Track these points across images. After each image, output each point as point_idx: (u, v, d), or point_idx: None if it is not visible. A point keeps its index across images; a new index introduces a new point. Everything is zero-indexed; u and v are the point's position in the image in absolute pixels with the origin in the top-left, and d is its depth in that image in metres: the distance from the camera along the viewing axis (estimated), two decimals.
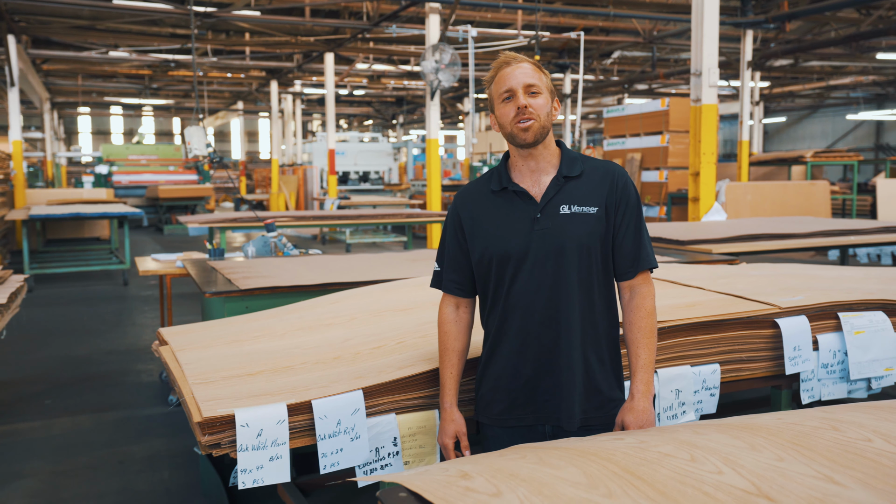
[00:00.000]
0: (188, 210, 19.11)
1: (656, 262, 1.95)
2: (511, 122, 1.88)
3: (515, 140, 1.89)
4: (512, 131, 1.89)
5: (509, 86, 1.87)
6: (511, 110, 1.87)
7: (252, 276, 3.81)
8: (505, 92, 1.88)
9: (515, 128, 1.87)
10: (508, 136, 1.91)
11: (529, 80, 1.87)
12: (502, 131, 1.93)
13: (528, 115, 1.86)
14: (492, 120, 1.98)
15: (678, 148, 12.43)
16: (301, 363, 2.18)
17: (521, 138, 1.88)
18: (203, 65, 17.85)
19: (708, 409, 2.38)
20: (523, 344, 1.90)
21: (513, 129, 1.88)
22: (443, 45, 11.04)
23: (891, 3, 13.29)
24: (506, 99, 1.89)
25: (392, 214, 8.77)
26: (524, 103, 1.86)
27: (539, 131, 1.88)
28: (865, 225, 5.86)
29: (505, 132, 1.92)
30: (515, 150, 1.94)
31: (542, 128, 1.88)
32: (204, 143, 5.03)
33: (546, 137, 1.91)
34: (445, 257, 2.03)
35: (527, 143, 1.88)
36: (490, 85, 1.94)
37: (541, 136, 1.89)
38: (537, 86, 1.88)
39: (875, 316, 2.58)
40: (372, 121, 34.41)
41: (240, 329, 2.62)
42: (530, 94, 1.87)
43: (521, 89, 1.87)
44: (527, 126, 1.86)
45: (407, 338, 2.36)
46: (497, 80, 1.90)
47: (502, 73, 1.89)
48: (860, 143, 29.04)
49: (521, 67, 1.89)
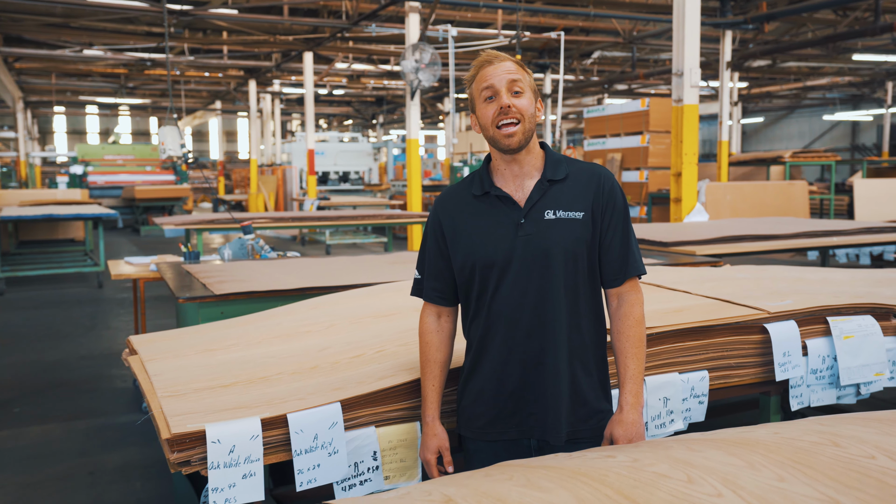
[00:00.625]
0: (165, 211, 18.86)
1: (645, 269, 1.88)
2: (493, 122, 1.79)
3: (498, 145, 1.81)
4: (494, 136, 1.80)
5: (491, 83, 1.79)
6: (493, 110, 1.79)
7: (228, 280, 3.71)
8: (486, 90, 1.80)
9: (498, 133, 1.79)
10: (490, 140, 1.83)
11: (513, 77, 1.79)
12: (484, 133, 1.85)
13: (511, 116, 1.78)
14: (472, 121, 1.89)
15: (658, 148, 12.47)
16: (277, 374, 2.09)
17: (505, 144, 1.80)
18: (180, 64, 17.61)
19: (696, 416, 2.33)
20: (507, 354, 1.82)
21: (495, 134, 1.80)
22: (423, 45, 10.96)
23: (867, 5, 13.41)
24: (488, 99, 1.81)
25: (372, 216, 8.67)
26: (507, 103, 1.78)
27: (523, 136, 1.80)
28: (846, 226, 5.87)
29: (486, 134, 1.83)
30: (497, 153, 1.86)
31: (526, 132, 1.80)
32: (178, 144, 4.91)
33: (531, 140, 1.83)
34: (426, 265, 1.95)
35: (510, 150, 1.80)
36: (471, 84, 1.85)
37: (525, 142, 1.81)
38: (521, 84, 1.80)
39: (864, 320, 2.54)
40: (352, 121, 34.23)
41: (213, 337, 2.52)
42: (513, 93, 1.79)
43: (504, 88, 1.79)
44: (511, 132, 1.78)
45: (387, 346, 2.28)
46: (478, 79, 1.83)
47: (484, 72, 1.81)
48: (836, 143, 29.37)
49: (504, 65, 1.81)
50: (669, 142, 12.38)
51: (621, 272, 1.85)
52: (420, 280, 1.97)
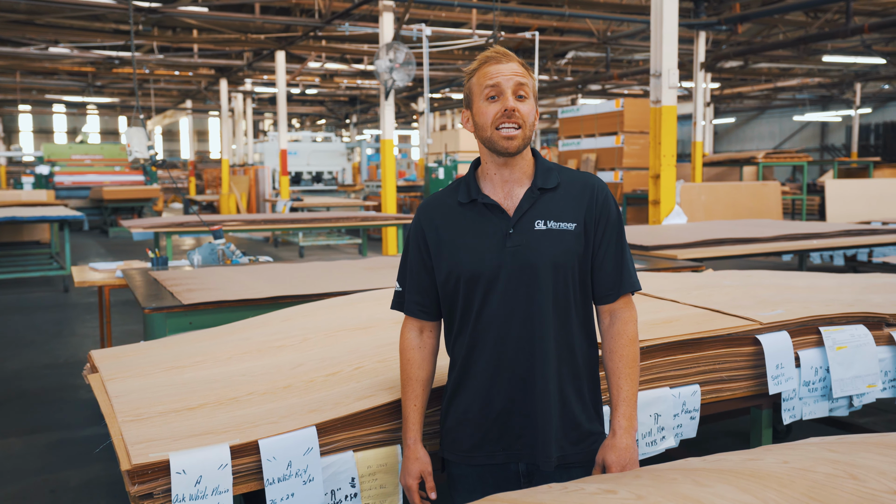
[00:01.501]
0: (135, 212, 18.48)
1: (640, 285, 1.78)
2: (493, 123, 1.68)
3: (495, 147, 1.69)
4: (492, 137, 1.69)
5: (497, 81, 1.67)
6: (495, 111, 1.68)
7: (197, 288, 3.55)
8: (491, 88, 1.68)
9: (497, 135, 1.67)
10: (486, 141, 1.71)
11: (521, 80, 1.68)
12: (478, 133, 1.72)
13: (514, 121, 1.67)
14: (464, 117, 1.77)
15: (633, 149, 12.50)
16: (247, 394, 1.96)
17: (503, 147, 1.68)
18: (149, 62, 17.27)
19: (688, 433, 2.24)
20: (494, 373, 1.71)
21: (493, 136, 1.68)
22: (397, 44, 10.82)
23: (838, 7, 13.54)
24: (491, 98, 1.69)
25: (346, 218, 8.52)
26: (513, 106, 1.66)
27: (522, 143, 1.69)
28: (824, 229, 5.86)
29: (482, 134, 1.71)
30: (490, 157, 1.74)
31: (526, 138, 1.70)
32: (146, 146, 4.72)
33: (526, 147, 1.73)
34: (408, 276, 1.83)
35: (507, 154, 1.69)
36: (471, 77, 1.73)
37: (523, 147, 1.70)
38: (526, 89, 1.69)
39: (856, 330, 2.48)
40: (325, 120, 33.93)
41: (180, 352, 2.38)
42: (518, 96, 1.68)
43: (511, 90, 1.67)
44: (512, 136, 1.67)
45: (365, 362, 2.16)
46: (482, 74, 1.70)
47: (490, 68, 1.69)
48: (806, 143, 29.76)
49: (512, 66, 1.69)
50: (644, 142, 12.42)
51: (615, 288, 1.74)
52: (401, 293, 1.85)
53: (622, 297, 1.75)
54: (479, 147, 1.77)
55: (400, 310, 1.85)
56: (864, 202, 12.78)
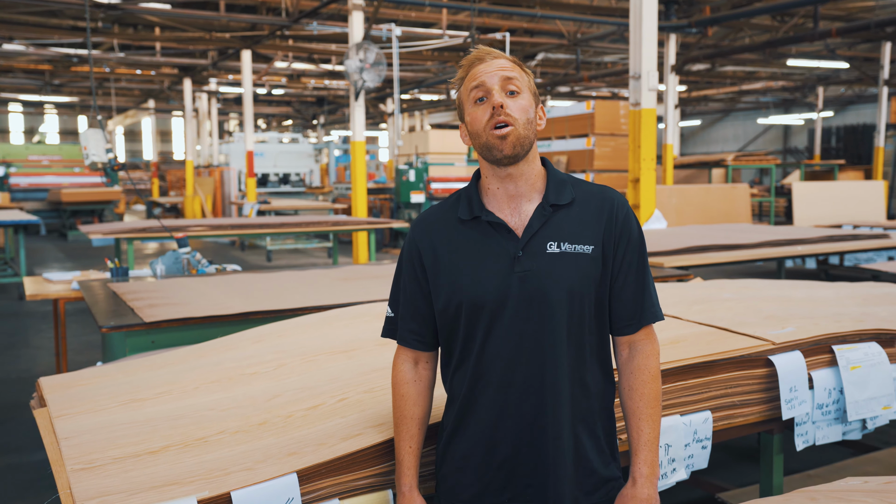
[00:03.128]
0: (95, 215, 17.92)
1: (662, 314, 1.59)
2: (485, 127, 1.48)
3: (491, 152, 1.49)
4: (487, 141, 1.49)
5: (481, 81, 1.49)
6: (484, 113, 1.49)
7: (159, 302, 3.30)
8: (476, 90, 1.49)
9: (490, 135, 1.48)
10: (482, 149, 1.51)
11: (507, 73, 1.49)
12: (475, 142, 1.53)
13: (504, 118, 1.47)
14: (462, 132, 1.58)
15: (604, 151, 12.47)
16: (217, 433, 1.74)
17: (497, 148, 1.48)
18: (109, 61, 16.75)
19: (699, 463, 2.07)
20: (499, 414, 1.51)
21: (489, 139, 1.48)
22: (367, 44, 10.59)
23: (805, 11, 13.65)
24: (478, 101, 1.50)
25: (317, 223, 8.26)
26: (500, 101, 1.47)
27: (518, 141, 1.48)
28: (810, 234, 5.79)
29: (478, 142, 1.51)
30: (489, 168, 1.54)
31: (521, 137, 1.48)
32: (103, 149, 4.44)
33: (529, 153, 1.52)
34: (401, 301, 1.62)
35: (504, 157, 1.48)
36: (459, 86, 1.54)
37: (521, 150, 1.49)
38: (517, 83, 1.50)
39: (870, 348, 2.34)
40: (292, 121, 33.46)
41: (141, 381, 2.14)
42: (508, 92, 1.49)
43: (497, 86, 1.48)
44: (504, 133, 1.46)
45: (350, 392, 1.95)
46: (469, 78, 1.52)
47: (474, 70, 1.51)
48: (769, 145, 30.16)
49: (497, 62, 1.51)
50: (615, 144, 12.38)
51: (636, 318, 1.55)
52: (393, 319, 1.64)
53: (643, 328, 1.56)
54: (480, 162, 1.58)
55: (392, 337, 1.65)
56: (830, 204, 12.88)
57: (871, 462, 3.35)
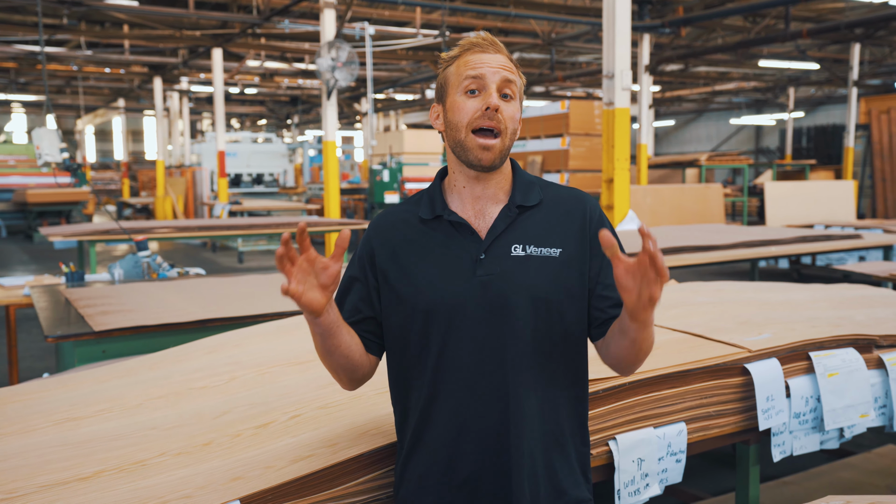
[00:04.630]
0: (62, 216, 17.54)
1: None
2: (469, 124, 1.37)
3: (467, 156, 1.39)
4: (465, 141, 1.38)
5: (481, 72, 1.37)
6: (474, 107, 1.37)
7: (113, 310, 3.15)
8: (472, 80, 1.38)
9: (471, 140, 1.37)
10: (458, 145, 1.40)
11: (509, 75, 1.39)
12: (449, 133, 1.42)
13: (495, 123, 1.36)
14: (433, 112, 1.46)
15: (579, 151, 12.46)
16: (158, 455, 1.61)
17: (476, 159, 1.38)
18: (76, 58, 16.39)
19: (673, 478, 1.98)
20: (459, 430, 1.40)
21: (467, 140, 1.38)
22: (339, 42, 10.44)
23: (776, 12, 13.74)
24: (470, 91, 1.38)
25: (287, 224, 8.10)
26: (496, 103, 1.36)
27: (500, 155, 1.39)
28: (783, 234, 5.76)
29: (455, 137, 1.40)
30: (459, 167, 1.44)
31: (505, 150, 1.40)
32: (57, 148, 4.26)
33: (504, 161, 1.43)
34: (346, 302, 1.49)
35: (482, 167, 1.39)
36: (449, 65, 1.42)
37: (500, 161, 1.40)
38: (514, 88, 1.40)
39: (847, 354, 2.27)
40: (265, 121, 33.11)
41: (81, 397, 2.00)
42: (503, 95, 1.39)
43: (496, 84, 1.38)
44: (489, 145, 1.37)
45: (304, 409, 1.82)
46: (462, 62, 1.40)
47: (473, 57, 1.39)
48: (741, 146, 30.44)
49: (500, 58, 1.40)
50: (589, 144, 12.37)
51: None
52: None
53: None
54: (447, 154, 1.46)
55: None
56: (801, 204, 12.97)
57: (847, 467, 3.30)
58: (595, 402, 1.84)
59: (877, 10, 13.06)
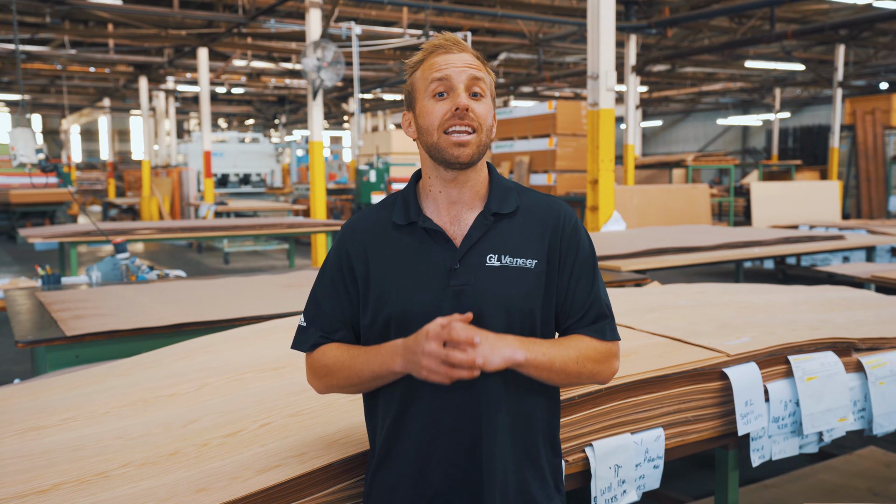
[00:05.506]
0: (46, 216, 17.37)
1: (618, 335, 1.46)
2: (440, 126, 1.34)
3: (443, 156, 1.36)
4: (439, 143, 1.35)
5: (446, 74, 1.34)
6: (444, 110, 1.34)
7: (88, 314, 3.10)
8: (438, 82, 1.35)
9: (445, 140, 1.34)
10: (432, 148, 1.37)
11: (476, 73, 1.35)
12: (423, 139, 1.39)
13: (467, 123, 1.33)
14: (405, 120, 1.43)
15: (566, 151, 12.45)
16: (121, 466, 1.57)
17: (453, 156, 1.34)
18: (60, 57, 16.23)
19: (651, 484, 1.95)
20: (431, 443, 1.37)
21: (440, 141, 1.35)
22: (325, 42, 10.38)
23: (762, 13, 13.80)
24: (438, 95, 1.35)
25: (271, 225, 8.04)
26: (465, 104, 1.33)
27: (477, 150, 1.36)
28: (767, 235, 5.76)
29: (427, 141, 1.37)
30: (434, 170, 1.40)
31: (481, 146, 1.36)
32: (33, 149, 4.20)
33: (480, 159, 1.40)
34: (321, 312, 1.46)
35: (460, 164, 1.36)
36: (415, 71, 1.39)
37: (478, 157, 1.37)
38: (483, 86, 1.37)
39: (826, 357, 2.25)
40: (253, 120, 32.95)
41: (46, 405, 1.96)
42: (472, 94, 1.35)
43: (464, 84, 1.34)
44: (464, 141, 1.33)
45: (274, 417, 1.79)
46: (428, 66, 1.37)
47: (438, 59, 1.36)
48: (728, 146, 30.58)
49: (465, 56, 1.36)
50: (576, 145, 12.37)
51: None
52: (306, 329, 1.47)
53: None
54: (421, 158, 1.43)
55: (301, 349, 1.48)
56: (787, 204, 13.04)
57: (828, 470, 3.29)
58: (571, 408, 1.82)
59: (861, 12, 13.14)
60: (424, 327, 1.27)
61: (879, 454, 3.47)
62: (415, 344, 1.27)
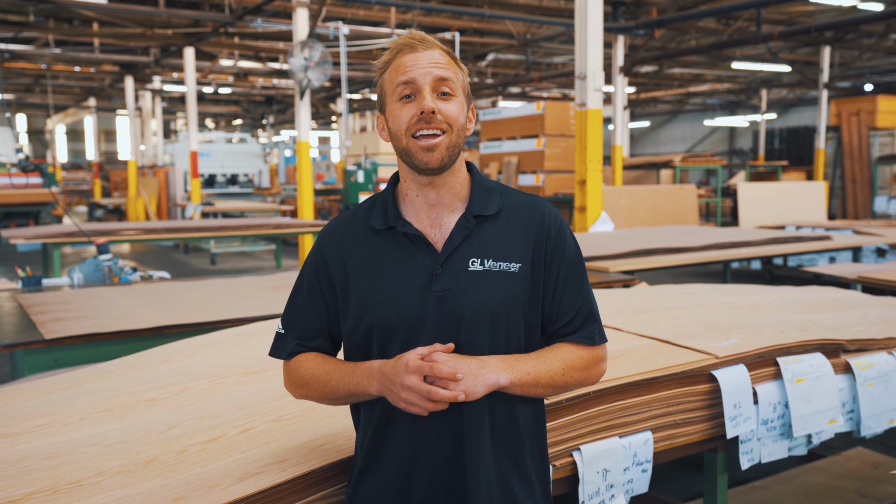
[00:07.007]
0: (31, 217, 17.19)
1: (605, 337, 1.43)
2: (408, 130, 1.31)
3: (412, 161, 1.32)
4: (408, 147, 1.31)
5: (411, 77, 1.30)
6: (410, 114, 1.30)
7: (68, 316, 3.04)
8: (404, 86, 1.31)
9: (413, 144, 1.30)
10: (403, 152, 1.33)
11: (442, 73, 1.31)
12: (394, 143, 1.35)
13: (434, 125, 1.29)
14: (379, 123, 1.39)
15: (554, 151, 12.45)
16: (96, 475, 1.52)
17: (422, 161, 1.31)
18: (45, 56, 16.08)
19: (639, 488, 1.93)
20: (414, 451, 1.34)
21: (409, 145, 1.31)
22: (312, 42, 10.33)
23: (749, 15, 13.86)
24: (404, 97, 1.31)
25: (258, 225, 7.98)
26: (431, 106, 1.29)
27: (447, 153, 1.32)
28: (754, 236, 5.77)
29: (398, 145, 1.34)
30: (409, 172, 1.37)
31: (452, 147, 1.32)
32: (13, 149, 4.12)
33: (456, 160, 1.36)
34: (298, 318, 1.43)
35: (430, 169, 1.32)
36: (382, 73, 1.35)
37: (449, 161, 1.33)
38: (451, 83, 1.32)
39: (815, 359, 2.24)
40: (240, 120, 32.79)
41: (21, 410, 1.91)
42: (440, 94, 1.31)
43: (430, 85, 1.30)
44: (432, 144, 1.29)
45: (255, 422, 1.75)
46: (394, 68, 1.33)
47: (402, 60, 1.32)
48: (715, 147, 30.71)
49: (431, 54, 1.32)
50: (565, 145, 12.37)
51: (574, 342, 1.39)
52: (284, 336, 1.44)
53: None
54: (398, 162, 1.39)
55: (279, 357, 1.44)
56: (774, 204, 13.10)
57: (817, 471, 3.28)
58: (558, 412, 1.79)
59: (846, 14, 13.23)
60: (403, 357, 1.25)
61: (867, 455, 3.46)
62: (393, 373, 1.25)
